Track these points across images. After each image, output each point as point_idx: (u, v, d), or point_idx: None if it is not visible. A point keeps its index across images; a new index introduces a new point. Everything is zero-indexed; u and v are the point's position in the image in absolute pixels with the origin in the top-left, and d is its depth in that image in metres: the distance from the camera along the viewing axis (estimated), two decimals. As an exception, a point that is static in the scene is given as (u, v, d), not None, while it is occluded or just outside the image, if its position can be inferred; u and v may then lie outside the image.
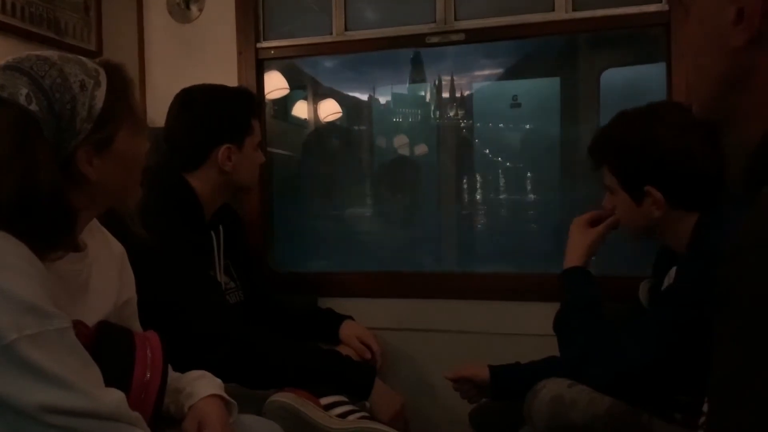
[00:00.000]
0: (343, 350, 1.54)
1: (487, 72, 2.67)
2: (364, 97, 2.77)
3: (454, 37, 1.86)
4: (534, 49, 2.48)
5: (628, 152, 1.26)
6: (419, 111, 2.54)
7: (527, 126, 2.70)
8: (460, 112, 2.58)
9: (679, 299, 1.15)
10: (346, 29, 1.96)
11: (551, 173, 2.55)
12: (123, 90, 0.99)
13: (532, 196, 2.64)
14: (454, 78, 2.59)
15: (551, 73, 2.52)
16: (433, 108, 2.62)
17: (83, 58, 0.97)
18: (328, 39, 1.98)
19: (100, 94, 0.94)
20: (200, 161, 1.56)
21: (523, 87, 2.70)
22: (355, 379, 1.47)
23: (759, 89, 0.66)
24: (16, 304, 0.82)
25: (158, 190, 1.44)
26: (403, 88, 2.86)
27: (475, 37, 1.86)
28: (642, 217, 1.28)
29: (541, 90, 2.67)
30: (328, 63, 2.55)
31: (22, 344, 0.81)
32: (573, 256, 1.41)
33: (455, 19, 1.87)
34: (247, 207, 1.96)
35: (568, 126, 2.41)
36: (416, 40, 1.91)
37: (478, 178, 2.68)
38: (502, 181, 2.72)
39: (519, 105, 2.68)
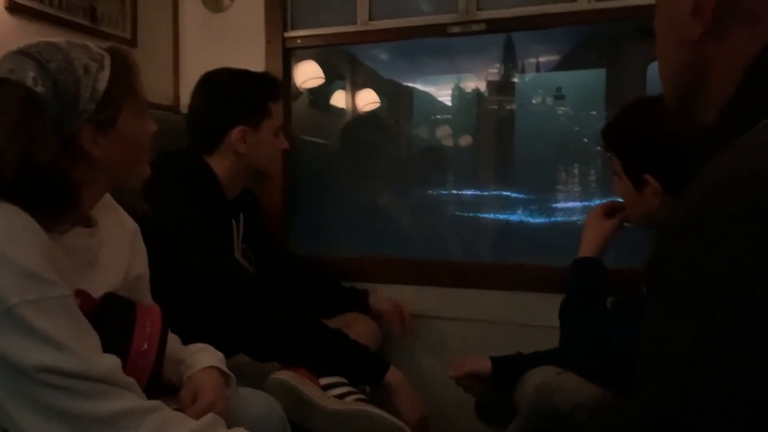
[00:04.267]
0: (351, 332, 1.52)
1: (532, 61, 2.61)
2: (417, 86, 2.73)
3: (476, 27, 1.85)
4: (579, 40, 2.42)
5: (630, 139, 1.25)
6: (512, 98, 2.49)
7: (570, 118, 2.63)
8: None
9: None
10: (370, 19, 1.98)
11: (593, 167, 2.49)
12: (126, 74, 1.04)
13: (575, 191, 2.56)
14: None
15: (597, 65, 2.46)
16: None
17: (90, 44, 1.03)
18: (352, 29, 2.00)
19: (104, 77, 1.00)
20: (216, 143, 1.58)
21: (567, 79, 2.64)
22: (367, 369, 1.47)
23: (714, 82, 0.66)
24: (19, 271, 0.87)
25: (180, 174, 1.50)
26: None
27: (496, 27, 1.85)
28: (642, 205, 1.26)
29: (585, 81, 2.60)
30: (383, 55, 2.55)
31: (23, 308, 0.86)
32: (586, 247, 1.42)
33: (477, 9, 1.86)
34: (270, 191, 2.00)
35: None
36: (438, 30, 1.91)
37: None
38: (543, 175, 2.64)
39: (562, 97, 2.63)
